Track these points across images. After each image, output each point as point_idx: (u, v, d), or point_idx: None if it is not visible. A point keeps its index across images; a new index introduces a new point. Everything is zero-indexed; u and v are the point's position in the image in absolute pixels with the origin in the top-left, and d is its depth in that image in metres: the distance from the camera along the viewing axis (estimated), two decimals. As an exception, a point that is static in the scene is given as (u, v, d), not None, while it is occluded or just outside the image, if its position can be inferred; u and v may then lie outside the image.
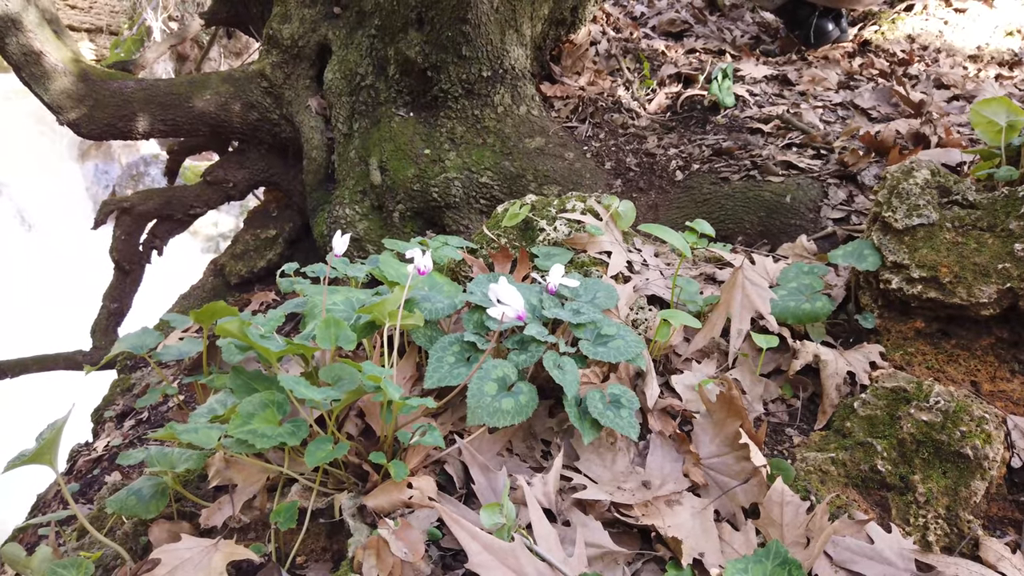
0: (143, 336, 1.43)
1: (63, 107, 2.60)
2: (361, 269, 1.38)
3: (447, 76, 2.37)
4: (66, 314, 7.69)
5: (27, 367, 2.82)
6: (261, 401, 0.96)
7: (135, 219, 2.90)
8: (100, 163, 9.71)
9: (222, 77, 2.80)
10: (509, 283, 0.95)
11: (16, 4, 2.47)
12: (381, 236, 2.50)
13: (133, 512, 1.03)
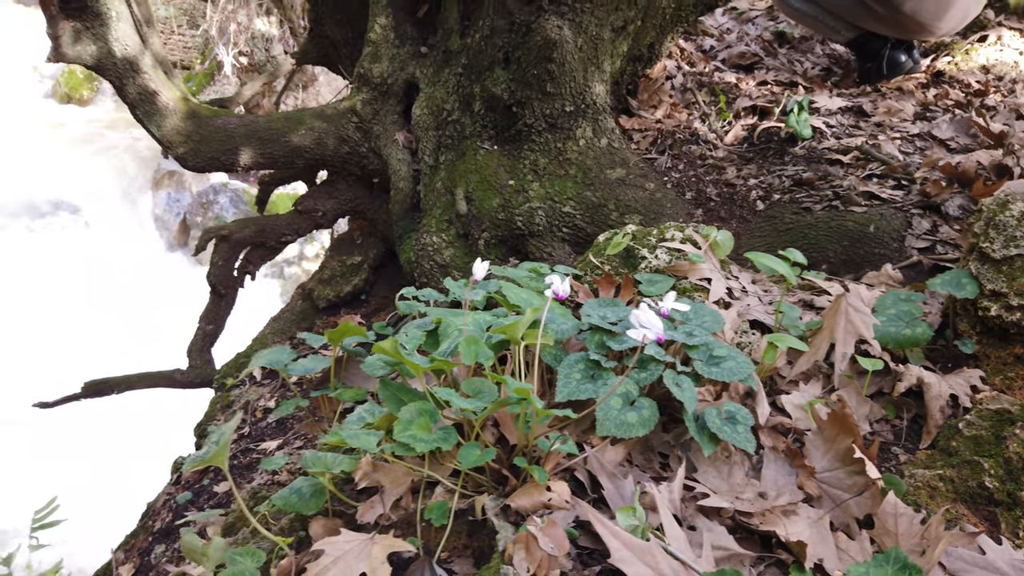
0: (278, 353, 1.56)
1: (173, 142, 2.81)
2: (478, 293, 1.49)
3: (531, 111, 2.50)
4: (139, 335, 8.05)
5: (132, 384, 3.02)
6: (416, 410, 1.07)
7: (232, 246, 3.09)
8: (172, 191, 10.17)
9: (315, 113, 2.99)
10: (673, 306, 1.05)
11: (135, 48, 2.69)
12: (467, 263, 2.62)
13: (295, 508, 1.15)
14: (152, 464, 5.72)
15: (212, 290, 3.17)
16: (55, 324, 7.88)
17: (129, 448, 6.26)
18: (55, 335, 7.65)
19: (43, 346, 7.44)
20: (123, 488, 5.99)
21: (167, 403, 5.15)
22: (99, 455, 6.37)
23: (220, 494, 2.28)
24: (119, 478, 5.97)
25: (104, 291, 8.52)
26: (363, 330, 1.50)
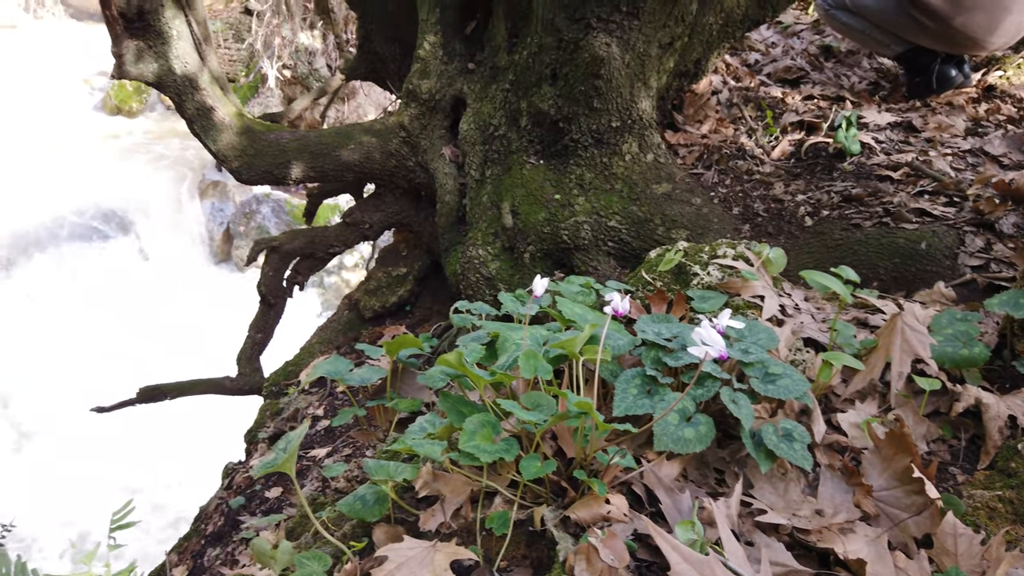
0: (337, 363, 1.61)
1: (228, 156, 2.90)
2: (532, 308, 1.52)
3: (578, 127, 2.53)
4: (185, 341, 8.23)
5: (184, 390, 3.10)
6: (480, 421, 1.10)
7: (282, 257, 3.17)
8: (216, 201, 10.40)
9: (364, 128, 3.06)
10: (713, 327, 1.07)
11: (194, 66, 2.79)
12: (512, 276, 2.66)
13: (359, 515, 1.18)
14: (201, 469, 5.85)
15: (262, 300, 3.25)
16: (105, 330, 8.11)
17: (179, 453, 6.41)
18: (107, 341, 7.86)
19: (97, 351, 7.65)
20: (174, 492, 6.13)
21: (217, 409, 5.28)
22: (151, 459, 6.53)
23: (271, 499, 2.33)
24: (170, 482, 6.12)
25: (152, 298, 8.74)
26: (419, 342, 1.54)
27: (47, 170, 10.13)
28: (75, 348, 8.02)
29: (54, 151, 10.50)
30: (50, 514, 6.01)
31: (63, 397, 7.03)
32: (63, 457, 6.68)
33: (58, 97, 12.23)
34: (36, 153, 10.44)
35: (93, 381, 7.09)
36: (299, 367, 3.13)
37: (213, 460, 3.12)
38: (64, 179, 9.97)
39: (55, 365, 7.48)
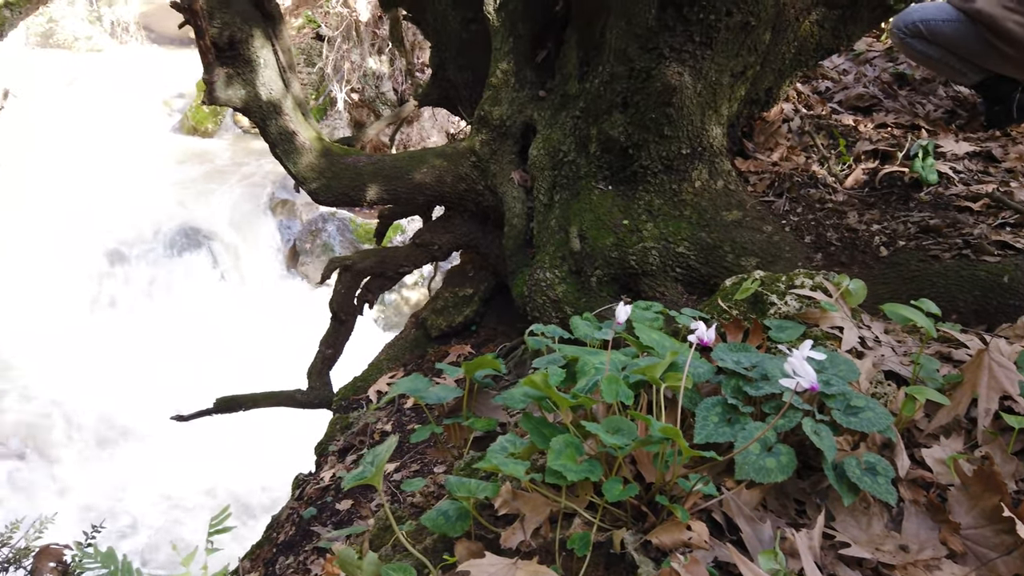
0: (416, 381, 1.66)
1: (307, 178, 3.02)
2: (607, 332, 1.55)
3: (647, 153, 2.56)
4: (254, 355, 8.48)
5: (258, 402, 3.22)
6: (565, 442, 1.14)
7: (354, 275, 3.27)
8: (284, 219, 10.74)
9: (437, 152, 3.15)
10: (810, 355, 1.08)
11: (278, 92, 2.93)
12: (578, 299, 2.69)
13: (442, 530, 1.23)
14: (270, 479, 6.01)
15: (333, 316, 3.36)
16: (178, 340, 8.43)
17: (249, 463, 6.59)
18: (179, 350, 8.17)
19: (171, 359, 7.96)
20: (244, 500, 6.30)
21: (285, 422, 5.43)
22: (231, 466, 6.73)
23: (342, 512, 2.40)
24: (240, 491, 6.29)
25: (223, 310, 9.06)
26: (497, 364, 1.59)
27: (128, 186, 10.63)
28: (149, 356, 8.36)
29: (135, 168, 11.03)
30: (148, 516, 6.26)
31: (145, 402, 7.33)
32: (149, 461, 6.95)
33: (139, 117, 12.85)
34: (118, 170, 10.97)
35: (170, 387, 7.38)
36: (367, 383, 3.22)
37: (281, 470, 3.22)
38: (143, 195, 10.44)
39: (133, 372, 7.81)
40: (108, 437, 7.29)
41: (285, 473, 3.27)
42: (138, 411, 7.33)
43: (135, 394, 7.54)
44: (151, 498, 6.43)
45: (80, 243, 9.29)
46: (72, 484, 6.76)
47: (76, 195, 10.15)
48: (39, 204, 9.57)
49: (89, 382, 7.69)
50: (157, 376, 7.70)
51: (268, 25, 2.83)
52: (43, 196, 9.78)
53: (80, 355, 8.10)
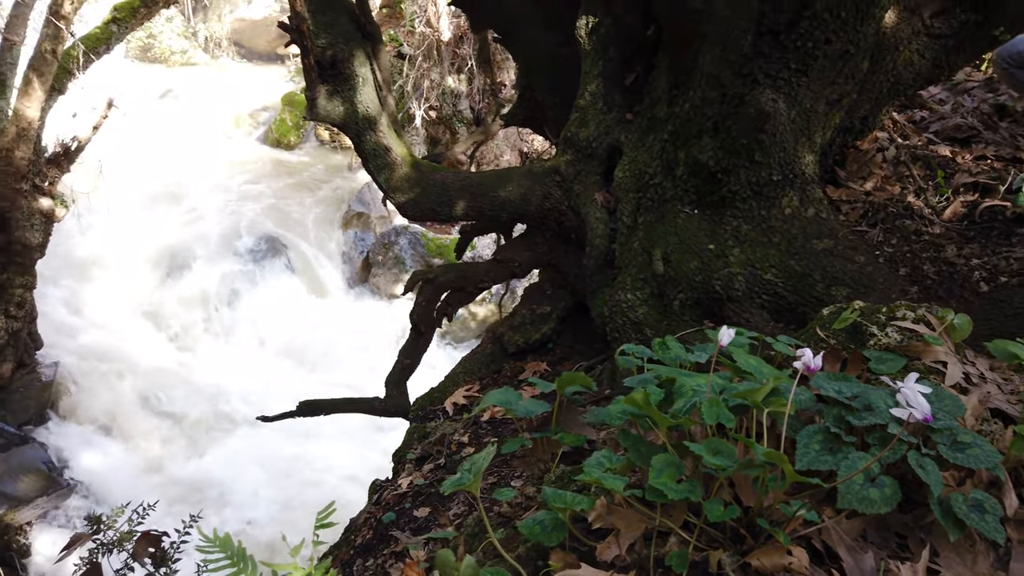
0: (506, 394, 1.71)
1: (396, 191, 3.12)
2: (701, 355, 1.56)
3: (737, 179, 2.56)
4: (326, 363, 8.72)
5: (338, 407, 3.32)
6: (665, 461, 1.16)
7: (435, 288, 3.35)
8: (358, 231, 11.04)
9: (523, 172, 3.21)
10: (917, 388, 1.08)
11: (375, 109, 3.05)
12: (660, 322, 2.69)
13: (538, 538, 1.26)
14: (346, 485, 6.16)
15: (413, 328, 3.44)
16: (255, 345, 8.75)
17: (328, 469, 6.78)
18: (257, 354, 8.47)
19: (250, 363, 8.27)
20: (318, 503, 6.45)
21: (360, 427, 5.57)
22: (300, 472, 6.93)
23: (420, 518, 2.46)
24: (321, 494, 6.45)
25: (297, 315, 9.35)
26: (589, 381, 1.62)
27: (213, 194, 11.12)
28: (228, 355, 8.70)
29: (220, 177, 11.53)
30: (242, 509, 6.50)
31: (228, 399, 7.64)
32: (242, 453, 7.22)
33: (226, 128, 13.45)
34: (204, 178, 11.49)
35: (248, 386, 7.66)
36: (444, 394, 3.28)
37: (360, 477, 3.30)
38: (227, 203, 10.90)
39: (215, 369, 8.15)
40: (196, 430, 7.60)
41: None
42: (223, 407, 7.63)
43: (218, 390, 7.84)
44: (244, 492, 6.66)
45: (167, 246, 9.76)
46: (162, 473, 7.08)
47: (164, 200, 10.68)
48: (133, 207, 10.10)
49: (176, 374, 8.05)
50: (237, 375, 8.00)
51: (368, 45, 2.96)
52: (135, 200, 10.32)
53: (163, 350, 8.50)
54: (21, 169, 7.14)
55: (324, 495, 6.36)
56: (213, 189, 11.20)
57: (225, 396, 7.82)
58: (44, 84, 7.02)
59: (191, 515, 2.13)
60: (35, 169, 7.33)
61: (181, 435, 7.69)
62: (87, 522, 2.16)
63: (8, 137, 7.07)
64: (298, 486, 6.60)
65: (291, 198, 11.13)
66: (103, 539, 2.10)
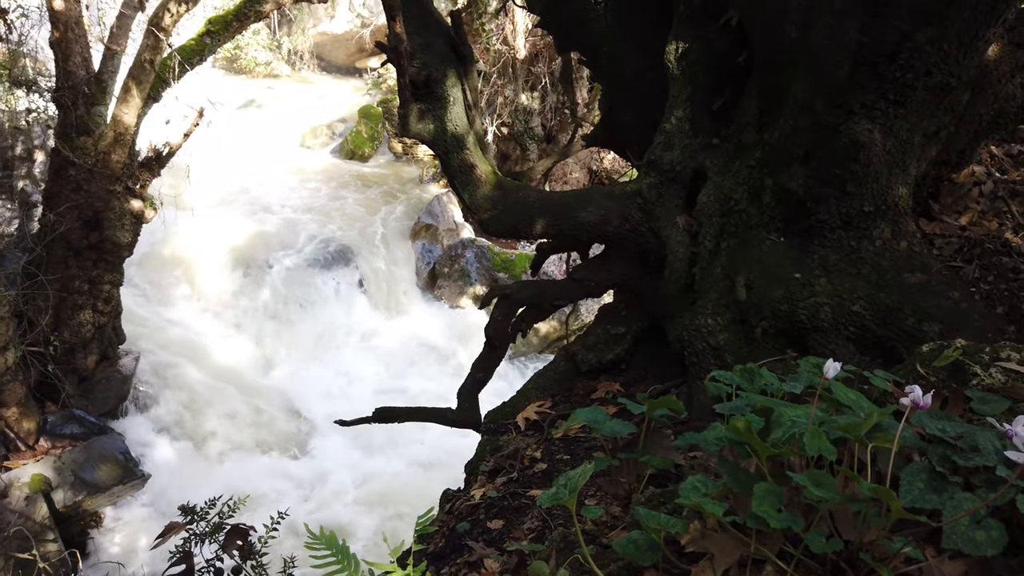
0: (594, 413, 1.73)
1: (480, 208, 3.20)
2: (796, 385, 1.56)
3: (826, 208, 2.53)
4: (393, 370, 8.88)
5: (412, 416, 3.40)
6: (766, 490, 1.17)
7: (511, 304, 3.40)
8: (427, 243, 11.24)
9: (604, 193, 3.25)
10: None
11: (463, 128, 3.13)
12: (740, 348, 2.68)
13: (632, 557, 1.28)
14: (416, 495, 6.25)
15: (487, 342, 3.50)
16: (323, 349, 8.98)
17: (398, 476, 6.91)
18: (323, 358, 8.70)
19: (321, 368, 8.50)
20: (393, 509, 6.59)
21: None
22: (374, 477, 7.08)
23: (494, 530, 2.50)
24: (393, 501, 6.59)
25: (365, 323, 9.57)
26: (679, 404, 1.63)
27: (289, 200, 11.49)
28: (298, 357, 8.96)
29: (297, 184, 11.92)
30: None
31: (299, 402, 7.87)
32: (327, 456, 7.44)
33: (304, 138, 13.89)
34: (282, 185, 11.89)
35: (316, 390, 7.87)
36: (516, 408, 3.33)
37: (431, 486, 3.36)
38: (302, 211, 11.25)
39: (283, 371, 8.41)
40: (265, 431, 7.84)
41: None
42: (292, 410, 7.85)
43: (288, 393, 8.08)
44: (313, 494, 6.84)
45: (244, 249, 10.12)
46: (230, 470, 7.32)
47: (243, 205, 11.09)
48: (213, 210, 10.52)
49: (248, 374, 8.33)
50: (305, 378, 8.23)
51: (461, 66, 3.05)
52: (216, 204, 10.75)
53: (237, 350, 8.80)
54: (116, 172, 7.53)
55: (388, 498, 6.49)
56: (289, 196, 11.59)
57: (296, 399, 8.05)
58: (142, 92, 7.40)
59: (278, 511, 2.22)
60: (129, 172, 7.72)
61: (251, 435, 7.95)
62: (181, 512, 2.27)
63: (106, 141, 7.48)
64: (365, 489, 6.72)
65: (363, 208, 11.42)
66: (196, 530, 2.20)
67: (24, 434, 7.29)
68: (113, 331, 8.25)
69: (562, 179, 10.88)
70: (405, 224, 11.38)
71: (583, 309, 9.28)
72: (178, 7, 7.06)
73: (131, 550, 7.08)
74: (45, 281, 7.48)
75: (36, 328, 7.60)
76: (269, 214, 10.93)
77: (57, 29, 7.31)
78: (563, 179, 10.59)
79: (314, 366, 8.88)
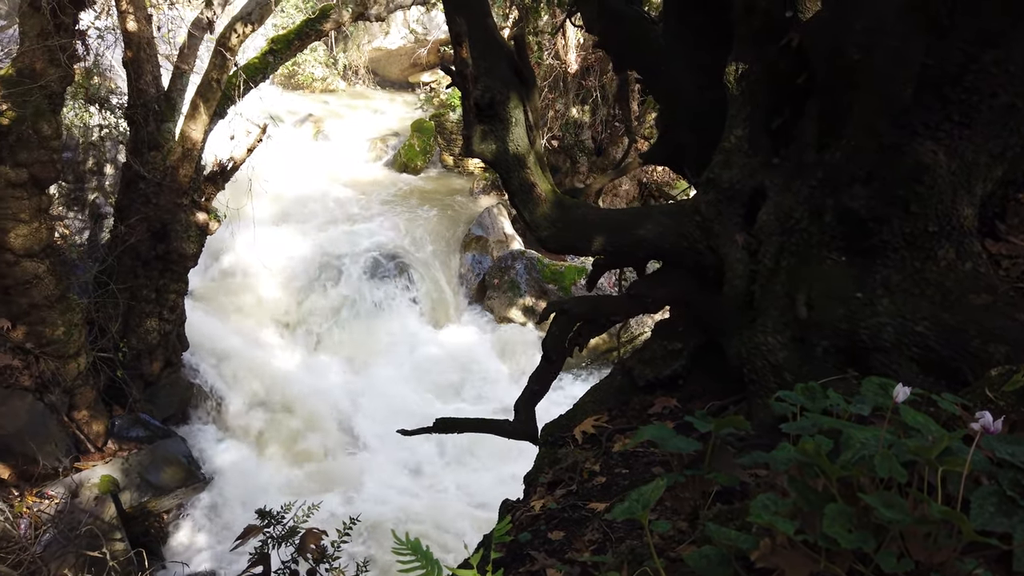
0: (660, 430, 1.79)
1: (539, 226, 3.28)
2: (863, 407, 1.59)
3: (889, 228, 2.54)
4: (439, 381, 9.01)
5: (471, 426, 3.49)
6: (838, 510, 1.21)
7: (568, 319, 3.47)
8: (476, 254, 11.37)
9: (662, 210, 3.30)
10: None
11: (524, 148, 3.22)
12: (800, 367, 2.69)
13: (704, 571, 1.33)
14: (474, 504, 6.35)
15: (544, 355, 3.57)
16: (374, 358, 9.16)
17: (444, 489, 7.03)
18: (377, 370, 8.87)
19: (375, 379, 8.68)
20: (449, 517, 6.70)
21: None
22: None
23: (554, 541, 2.56)
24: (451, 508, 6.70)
25: (415, 332, 9.73)
26: (746, 423, 1.68)
27: (343, 212, 11.75)
28: (349, 365, 9.14)
29: (351, 197, 12.18)
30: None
31: (354, 411, 8.05)
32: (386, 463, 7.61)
33: (358, 151, 14.20)
34: (337, 197, 12.16)
35: (370, 401, 8.04)
36: (572, 421, 3.38)
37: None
38: (355, 221, 11.50)
39: (340, 382, 8.61)
40: (320, 438, 8.03)
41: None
42: (349, 418, 8.04)
43: (345, 402, 8.27)
44: (367, 505, 6.99)
45: (300, 261, 10.39)
46: (288, 477, 7.52)
47: (299, 218, 11.38)
48: (272, 223, 10.83)
49: (306, 383, 8.55)
50: (361, 388, 8.41)
51: (523, 88, 3.14)
52: (274, 216, 11.06)
53: (295, 360, 9.04)
54: (183, 185, 7.84)
55: (443, 509, 6.59)
56: (343, 208, 11.86)
57: (348, 407, 8.23)
58: (209, 109, 7.70)
59: (351, 517, 2.32)
60: (195, 186, 8.03)
61: (305, 441, 8.14)
62: (258, 516, 2.38)
63: (175, 156, 7.79)
64: (419, 503, 6.84)
65: (415, 220, 11.62)
66: (272, 533, 2.32)
67: (94, 436, 7.61)
68: (177, 338, 8.55)
69: (612, 192, 10.91)
70: (456, 236, 11.54)
71: (632, 322, 9.28)
72: (244, 28, 7.36)
73: (193, 550, 7.32)
74: (116, 290, 7.80)
75: (106, 335, 7.93)
76: (324, 225, 11.21)
77: (130, 49, 7.67)
78: (613, 192, 10.63)
79: (367, 375, 9.06)
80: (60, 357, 7.02)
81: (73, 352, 7.14)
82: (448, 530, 6.39)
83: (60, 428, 7.07)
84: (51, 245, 6.91)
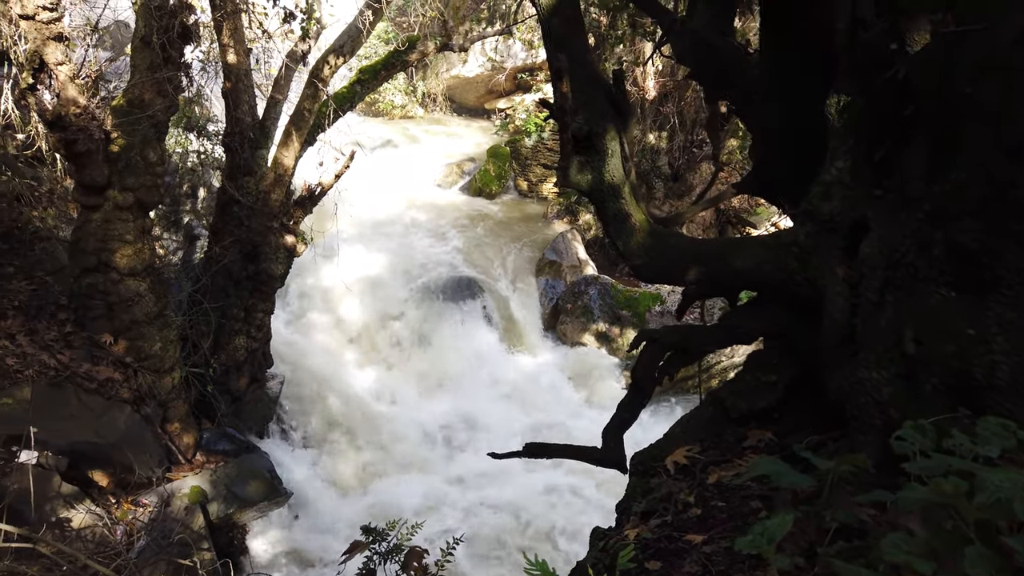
0: (775, 465, 1.79)
1: (633, 255, 3.31)
2: (992, 449, 1.56)
3: (1003, 264, 2.47)
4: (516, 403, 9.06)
5: (561, 452, 3.52)
6: (978, 553, 1.20)
7: (659, 348, 3.47)
8: (550, 279, 11.43)
9: (758, 241, 3.28)
10: None
11: (619, 179, 3.27)
12: (907, 404, 2.63)
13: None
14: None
15: (633, 383, 3.58)
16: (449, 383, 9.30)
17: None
18: (453, 392, 9.01)
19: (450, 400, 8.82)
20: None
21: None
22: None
23: (652, 571, 2.56)
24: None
25: (489, 356, 9.83)
26: (865, 462, 1.67)
27: (421, 237, 12.02)
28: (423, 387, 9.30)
29: (428, 221, 12.46)
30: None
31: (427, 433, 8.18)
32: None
33: (435, 176, 14.52)
34: (415, 222, 12.46)
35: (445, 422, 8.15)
36: (663, 452, 3.38)
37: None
38: (432, 245, 11.74)
39: (414, 402, 8.77)
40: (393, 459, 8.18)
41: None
42: (422, 439, 8.17)
43: (418, 422, 8.42)
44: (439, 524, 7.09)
45: (380, 282, 10.66)
46: (363, 495, 7.68)
47: (379, 240, 11.70)
48: (353, 245, 11.17)
49: (382, 402, 8.74)
50: (437, 409, 8.55)
51: (619, 120, 3.20)
52: (355, 239, 11.40)
53: (373, 379, 9.25)
54: (274, 209, 8.19)
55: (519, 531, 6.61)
56: (421, 233, 12.14)
57: (425, 428, 8.36)
58: (300, 136, 8.05)
59: (454, 537, 2.38)
60: (285, 210, 8.37)
61: (382, 459, 8.31)
62: (363, 532, 2.47)
63: (267, 181, 8.16)
64: (492, 525, 6.88)
65: (490, 244, 11.79)
66: (377, 549, 2.40)
67: (184, 448, 7.95)
68: (263, 356, 8.88)
69: (689, 218, 10.84)
70: (530, 260, 11.65)
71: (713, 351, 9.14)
72: (336, 60, 7.69)
73: (274, 563, 7.52)
74: (209, 308, 8.18)
75: (199, 351, 8.30)
76: (401, 248, 11.49)
77: (229, 80, 8.10)
78: (691, 218, 10.56)
79: (442, 396, 9.19)
80: (156, 371, 7.38)
81: (168, 367, 7.50)
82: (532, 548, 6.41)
83: (154, 439, 7.42)
84: (152, 265, 7.31)
